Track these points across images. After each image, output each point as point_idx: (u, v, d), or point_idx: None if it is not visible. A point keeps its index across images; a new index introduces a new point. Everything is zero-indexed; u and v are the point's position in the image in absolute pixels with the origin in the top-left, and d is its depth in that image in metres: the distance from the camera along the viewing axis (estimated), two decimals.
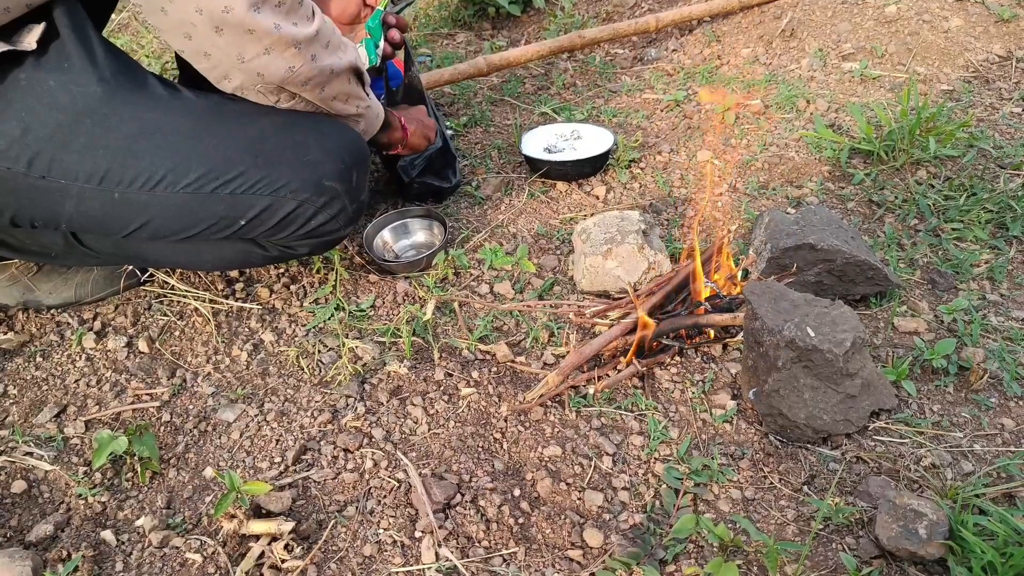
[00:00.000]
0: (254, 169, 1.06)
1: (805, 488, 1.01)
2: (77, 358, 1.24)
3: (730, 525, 0.95)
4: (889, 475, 1.01)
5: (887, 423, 1.08)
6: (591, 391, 1.14)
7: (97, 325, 1.30)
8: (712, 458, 1.04)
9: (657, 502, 0.99)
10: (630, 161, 1.70)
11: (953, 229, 1.45)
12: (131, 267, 1.34)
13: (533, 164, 1.66)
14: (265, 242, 1.17)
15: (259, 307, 1.34)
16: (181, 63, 1.41)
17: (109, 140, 0.99)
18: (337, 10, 1.30)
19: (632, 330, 1.17)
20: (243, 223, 1.09)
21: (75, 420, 1.14)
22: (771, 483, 1.02)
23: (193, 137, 1.03)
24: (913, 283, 1.34)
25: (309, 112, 1.12)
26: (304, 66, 1.02)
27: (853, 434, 1.06)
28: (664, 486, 1.01)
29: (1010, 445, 1.04)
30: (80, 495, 1.02)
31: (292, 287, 1.38)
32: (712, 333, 1.22)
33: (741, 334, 1.18)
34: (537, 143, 1.69)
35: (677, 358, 1.21)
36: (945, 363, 1.14)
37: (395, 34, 1.40)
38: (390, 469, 1.04)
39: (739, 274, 1.26)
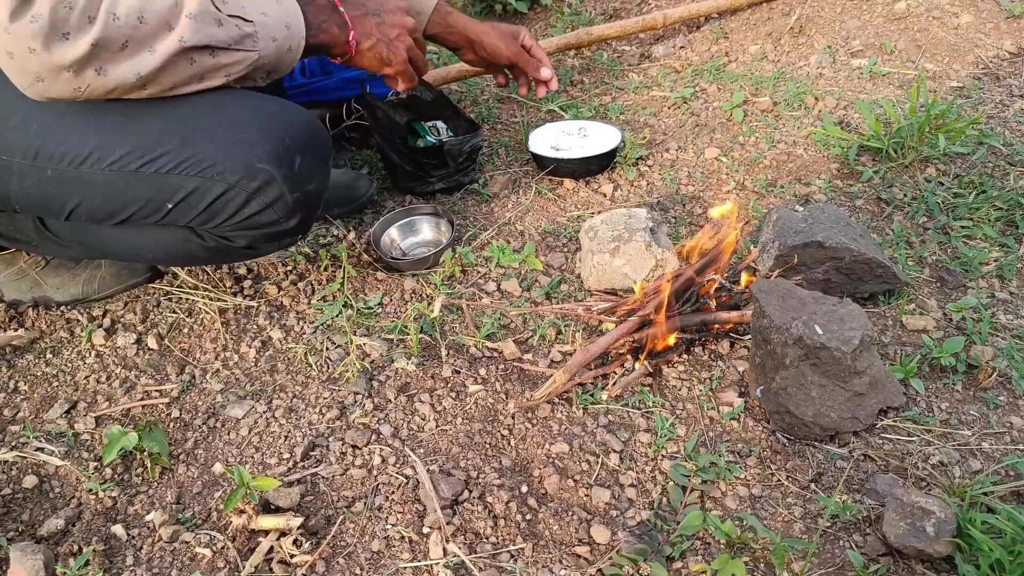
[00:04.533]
0: (180, 147, 0.98)
1: (812, 486, 1.01)
2: (87, 355, 1.25)
3: (737, 522, 0.95)
4: (897, 473, 1.01)
5: (895, 421, 1.08)
6: (604, 396, 1.13)
7: (107, 322, 1.31)
8: (719, 455, 1.04)
9: (664, 499, 0.99)
10: (637, 159, 1.70)
11: (962, 227, 1.44)
12: (140, 264, 1.35)
13: (540, 162, 1.66)
14: (203, 231, 1.09)
15: (267, 304, 1.34)
16: None
17: (44, 116, 0.97)
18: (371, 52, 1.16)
19: (639, 328, 1.17)
20: (170, 206, 1.02)
21: (85, 416, 1.15)
22: (778, 480, 1.01)
23: (123, 113, 0.98)
24: (922, 281, 1.33)
25: (252, 89, 1.03)
26: (95, 82, 0.89)
27: (861, 432, 1.06)
28: (671, 483, 1.01)
29: (1019, 443, 1.04)
30: (91, 490, 1.03)
31: (300, 284, 1.38)
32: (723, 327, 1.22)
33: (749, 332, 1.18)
34: (544, 141, 1.69)
35: (684, 356, 1.21)
36: (954, 361, 1.14)
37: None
38: (398, 465, 1.04)
39: (746, 270, 1.25)
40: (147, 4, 0.89)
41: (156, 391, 1.19)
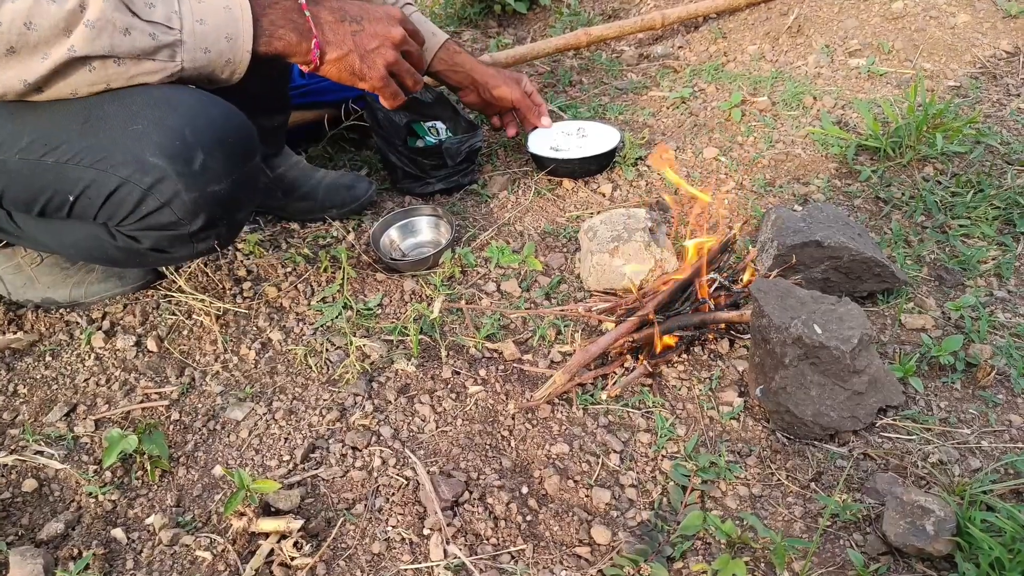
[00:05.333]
0: (79, 137, 0.94)
1: (812, 485, 1.01)
2: (86, 357, 1.25)
3: (737, 522, 0.95)
4: (896, 472, 1.01)
5: (894, 420, 1.08)
6: (603, 396, 1.13)
7: (106, 324, 1.31)
8: (719, 455, 1.04)
9: (664, 499, 1.00)
10: (636, 159, 1.70)
11: (960, 226, 1.44)
12: (131, 270, 1.34)
13: (540, 162, 1.66)
14: (113, 230, 1.05)
15: (267, 306, 1.34)
16: None
17: None
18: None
19: (638, 328, 1.17)
20: (72, 199, 0.99)
21: (85, 419, 1.15)
22: (778, 480, 1.02)
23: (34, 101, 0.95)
24: (920, 280, 1.34)
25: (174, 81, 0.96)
26: None
27: (860, 431, 1.06)
28: (671, 483, 1.01)
29: (1017, 441, 1.04)
30: (90, 493, 1.03)
31: (299, 286, 1.38)
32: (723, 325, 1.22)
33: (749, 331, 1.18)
34: (543, 141, 1.69)
35: (684, 355, 1.21)
36: (952, 360, 1.14)
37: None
38: (398, 467, 1.04)
39: (746, 270, 1.26)
40: (38, 9, 0.85)
41: (156, 393, 1.19)
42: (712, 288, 1.21)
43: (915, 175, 1.58)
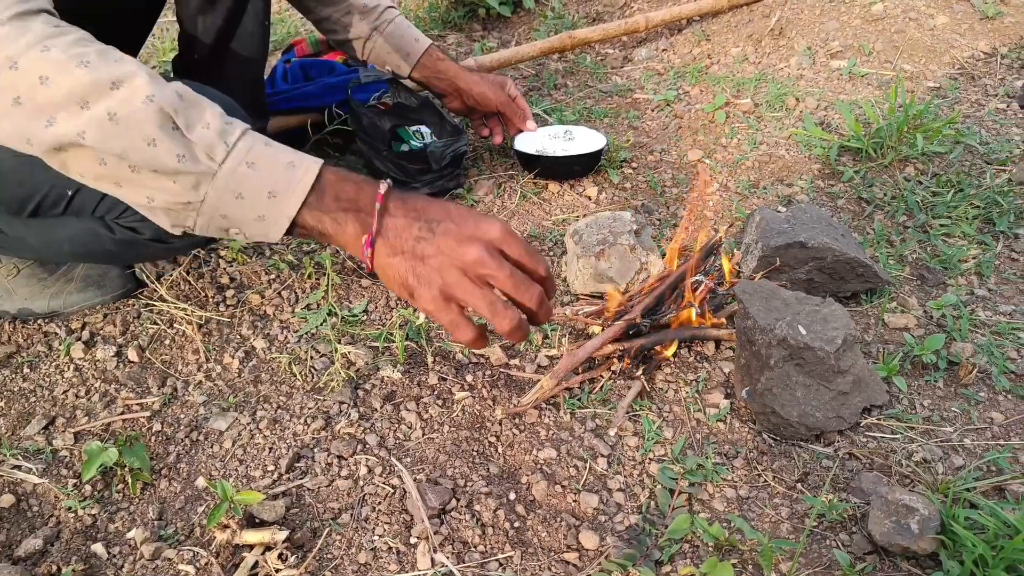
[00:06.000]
0: None
1: (799, 485, 1.01)
2: (65, 369, 1.24)
3: (725, 524, 0.95)
4: (881, 471, 1.01)
5: (879, 419, 1.08)
6: (612, 416, 1.13)
7: (85, 335, 1.29)
8: (706, 457, 1.04)
9: (652, 503, 0.99)
10: (621, 161, 1.71)
11: (941, 225, 1.46)
12: (109, 281, 1.33)
13: (525, 161, 1.66)
14: (111, 223, 1.05)
15: (250, 314, 1.33)
16: (182, 45, 1.39)
17: None
18: None
19: (625, 333, 1.17)
20: (70, 193, 0.99)
21: (64, 432, 1.13)
22: (765, 481, 1.02)
23: None
24: (902, 279, 1.35)
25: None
26: None
27: (845, 431, 1.07)
28: (659, 486, 1.01)
29: (999, 439, 1.05)
30: (70, 508, 1.02)
31: (283, 293, 1.37)
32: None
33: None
34: (529, 144, 1.69)
35: (671, 358, 1.21)
36: (935, 358, 1.15)
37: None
38: (384, 475, 1.03)
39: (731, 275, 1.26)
40: (62, 66, 0.72)
41: (137, 405, 1.18)
42: (697, 290, 1.21)
43: (896, 175, 1.59)
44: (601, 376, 1.17)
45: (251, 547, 0.94)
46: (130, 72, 0.74)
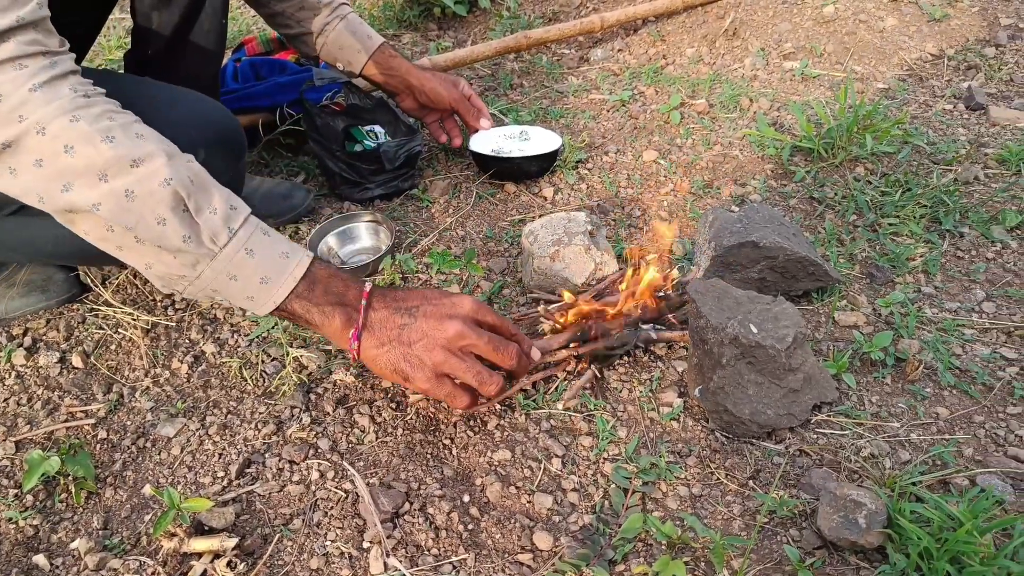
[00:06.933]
0: None
1: (750, 483, 1.02)
2: (6, 376, 1.19)
3: (678, 523, 0.96)
4: (831, 467, 1.03)
5: (828, 416, 1.10)
6: (560, 406, 1.13)
7: (27, 341, 1.25)
8: (660, 456, 1.05)
9: (606, 502, 1.00)
10: (577, 162, 1.71)
11: (890, 224, 1.49)
12: (53, 285, 1.29)
13: (481, 162, 1.65)
14: None
15: (199, 317, 1.30)
16: (136, 39, 1.36)
17: None
18: None
19: (579, 332, 1.17)
20: None
21: (4, 441, 1.09)
22: (717, 479, 1.03)
23: None
24: (852, 277, 1.37)
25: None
26: (4, 180, 0.79)
27: (796, 428, 1.08)
28: (613, 486, 1.01)
29: (944, 433, 1.07)
30: (10, 519, 0.98)
31: None
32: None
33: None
34: (485, 144, 1.68)
35: (625, 357, 1.21)
36: (883, 355, 1.17)
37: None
38: (337, 480, 1.02)
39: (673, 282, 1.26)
40: (87, 139, 0.77)
41: (81, 412, 1.14)
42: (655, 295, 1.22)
43: (847, 175, 1.63)
44: (556, 376, 1.17)
45: (199, 555, 0.92)
46: (150, 152, 0.80)
